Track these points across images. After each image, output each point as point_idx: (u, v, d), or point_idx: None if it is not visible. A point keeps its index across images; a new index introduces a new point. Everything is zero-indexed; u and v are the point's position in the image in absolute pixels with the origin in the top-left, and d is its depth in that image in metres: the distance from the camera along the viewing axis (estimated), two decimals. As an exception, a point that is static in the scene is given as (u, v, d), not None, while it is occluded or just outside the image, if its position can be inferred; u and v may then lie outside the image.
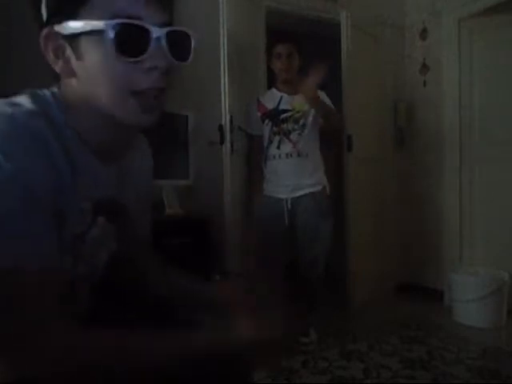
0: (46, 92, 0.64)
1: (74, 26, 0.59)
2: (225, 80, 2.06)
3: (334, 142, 2.81)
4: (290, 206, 2.19)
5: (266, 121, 2.25)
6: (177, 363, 0.64)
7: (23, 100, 0.60)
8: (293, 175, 2.19)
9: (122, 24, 0.58)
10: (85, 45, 0.60)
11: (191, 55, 0.67)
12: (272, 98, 2.27)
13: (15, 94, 0.62)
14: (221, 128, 2.10)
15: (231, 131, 2.10)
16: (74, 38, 0.60)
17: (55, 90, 0.65)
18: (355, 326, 2.53)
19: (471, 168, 2.90)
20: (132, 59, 0.59)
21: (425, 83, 3.14)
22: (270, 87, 2.42)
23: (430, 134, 3.12)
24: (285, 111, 2.23)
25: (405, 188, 3.25)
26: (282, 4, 2.73)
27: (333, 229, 2.28)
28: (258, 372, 1.81)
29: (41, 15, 0.62)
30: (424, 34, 3.14)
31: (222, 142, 2.12)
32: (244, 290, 0.83)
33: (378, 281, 3.00)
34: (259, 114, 2.27)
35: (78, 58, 0.61)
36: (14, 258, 0.52)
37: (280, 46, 2.20)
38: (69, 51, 0.61)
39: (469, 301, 2.53)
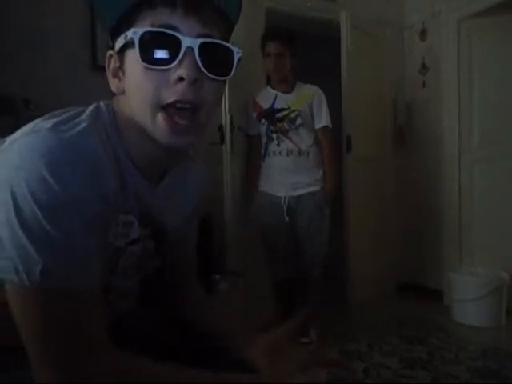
0: (104, 107, 0.63)
1: (120, 40, 0.60)
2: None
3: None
4: (287, 204, 2.19)
5: (263, 120, 2.24)
6: None
7: (84, 115, 0.59)
8: (292, 173, 2.18)
9: (150, 32, 0.57)
10: (127, 59, 0.60)
11: (233, 71, 0.63)
12: (267, 97, 2.25)
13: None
14: (221, 128, 2.10)
15: (231, 131, 2.10)
16: (122, 54, 0.61)
17: (112, 105, 0.65)
18: (355, 326, 2.53)
19: (471, 168, 2.90)
20: (158, 67, 0.57)
21: (424, 83, 3.14)
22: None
23: (430, 134, 3.12)
24: (280, 110, 2.21)
25: (404, 188, 3.25)
26: (282, 4, 2.73)
27: (331, 228, 2.28)
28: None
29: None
30: (423, 34, 3.14)
31: (222, 142, 2.12)
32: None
33: (377, 281, 3.00)
34: (255, 114, 2.26)
35: (123, 73, 0.62)
36: (76, 278, 0.53)
37: (269, 45, 2.13)
38: (120, 69, 0.62)
39: (469, 301, 2.52)
